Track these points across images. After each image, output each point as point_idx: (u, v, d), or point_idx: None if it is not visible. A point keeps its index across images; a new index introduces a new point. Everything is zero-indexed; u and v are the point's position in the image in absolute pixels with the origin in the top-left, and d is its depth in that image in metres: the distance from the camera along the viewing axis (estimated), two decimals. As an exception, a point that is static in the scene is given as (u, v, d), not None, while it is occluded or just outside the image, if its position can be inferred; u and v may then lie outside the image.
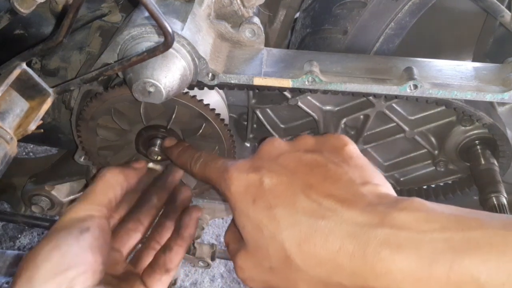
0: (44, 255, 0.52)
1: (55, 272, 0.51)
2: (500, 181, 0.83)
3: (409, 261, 0.41)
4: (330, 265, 0.46)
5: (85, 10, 0.80)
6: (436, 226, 0.42)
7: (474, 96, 0.67)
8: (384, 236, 0.43)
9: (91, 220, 0.57)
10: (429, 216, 0.43)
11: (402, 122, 0.86)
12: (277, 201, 0.51)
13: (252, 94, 0.87)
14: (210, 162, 0.62)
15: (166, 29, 0.52)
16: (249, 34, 0.71)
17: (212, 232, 2.01)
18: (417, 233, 0.42)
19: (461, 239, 0.40)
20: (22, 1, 0.54)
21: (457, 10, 1.04)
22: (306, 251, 0.47)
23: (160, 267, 0.65)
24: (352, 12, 0.87)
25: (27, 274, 0.51)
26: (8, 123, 0.56)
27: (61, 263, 0.52)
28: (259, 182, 0.53)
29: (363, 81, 0.67)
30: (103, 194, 0.61)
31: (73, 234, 0.54)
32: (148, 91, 0.62)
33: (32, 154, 2.05)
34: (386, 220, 0.44)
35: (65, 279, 0.51)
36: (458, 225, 0.42)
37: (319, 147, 0.57)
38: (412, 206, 0.45)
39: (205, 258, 1.21)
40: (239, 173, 0.55)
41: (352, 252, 0.44)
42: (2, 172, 0.55)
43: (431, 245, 0.41)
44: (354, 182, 0.51)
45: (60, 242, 0.53)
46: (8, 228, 1.87)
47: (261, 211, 0.51)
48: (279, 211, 0.50)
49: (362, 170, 0.53)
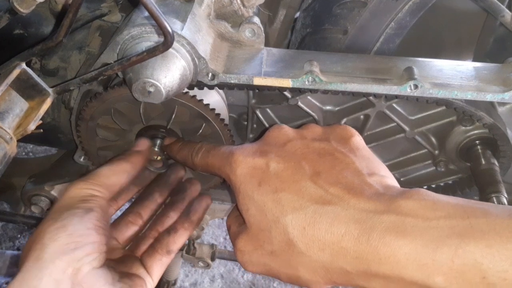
0: (51, 235, 0.52)
1: (62, 252, 0.51)
2: (501, 181, 0.83)
3: (413, 245, 0.42)
4: (334, 249, 0.46)
5: (85, 9, 0.80)
6: (441, 214, 0.43)
7: (474, 96, 0.67)
8: (390, 222, 0.44)
9: (94, 200, 0.58)
10: (435, 205, 0.44)
11: (403, 122, 0.85)
12: (284, 185, 0.51)
13: (252, 94, 0.87)
14: (212, 150, 0.62)
15: (166, 29, 0.52)
16: (249, 34, 0.71)
17: (212, 232, 2.01)
18: (422, 220, 0.43)
19: (466, 226, 0.41)
20: (21, 1, 0.54)
21: (457, 10, 1.03)
22: (310, 235, 0.48)
23: (163, 247, 0.65)
24: (352, 12, 0.87)
25: (35, 254, 0.51)
26: (8, 123, 0.56)
27: (68, 243, 0.52)
28: (266, 166, 0.53)
29: (363, 81, 0.67)
30: (106, 177, 0.62)
31: (78, 215, 0.55)
32: (148, 91, 0.62)
33: (32, 154, 2.05)
34: (392, 207, 0.45)
35: (72, 259, 0.51)
36: (463, 213, 0.42)
37: (326, 137, 0.57)
38: (418, 195, 0.46)
39: (205, 258, 1.21)
40: (245, 156, 0.55)
41: (357, 236, 0.45)
42: (2, 172, 0.55)
43: (436, 231, 0.42)
44: (361, 172, 0.51)
45: (66, 222, 0.54)
46: (8, 228, 1.87)
47: (266, 194, 0.51)
48: (285, 195, 0.50)
49: (368, 161, 0.54)
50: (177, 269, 1.42)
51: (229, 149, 0.58)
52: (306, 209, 0.49)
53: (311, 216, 0.48)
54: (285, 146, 0.55)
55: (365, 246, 0.44)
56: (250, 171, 0.54)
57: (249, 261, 0.55)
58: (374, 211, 0.45)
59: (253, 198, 0.52)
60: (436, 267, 0.41)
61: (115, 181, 0.63)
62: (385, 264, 0.43)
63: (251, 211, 0.53)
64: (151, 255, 0.64)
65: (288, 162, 0.53)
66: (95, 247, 0.54)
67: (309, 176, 0.51)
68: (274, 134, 0.57)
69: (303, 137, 0.57)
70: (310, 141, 0.56)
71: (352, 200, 0.47)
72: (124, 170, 0.65)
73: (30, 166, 1.08)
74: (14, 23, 0.82)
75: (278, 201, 0.50)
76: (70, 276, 0.50)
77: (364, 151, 0.56)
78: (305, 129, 0.59)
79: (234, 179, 0.55)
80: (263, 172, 0.53)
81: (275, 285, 1.88)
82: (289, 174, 0.52)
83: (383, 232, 0.43)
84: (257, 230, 0.53)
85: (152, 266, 0.63)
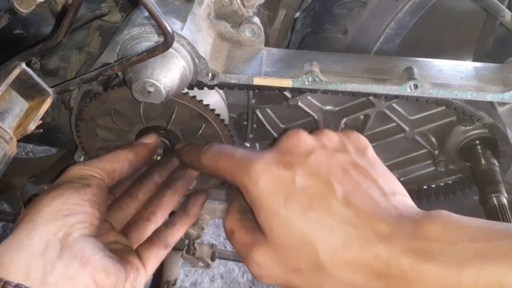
0: (46, 201, 0.55)
1: (55, 217, 0.53)
2: (501, 181, 0.83)
3: (439, 269, 0.43)
4: (366, 272, 0.47)
5: (85, 9, 0.80)
6: (465, 237, 0.44)
7: (474, 96, 0.67)
8: (417, 247, 0.45)
9: (93, 179, 0.60)
10: (459, 228, 0.45)
11: (403, 122, 0.85)
12: (313, 204, 0.50)
13: (252, 94, 0.87)
14: (223, 152, 0.59)
15: (166, 29, 0.52)
16: (249, 34, 0.71)
17: (212, 232, 2.01)
18: (448, 244, 0.44)
19: (489, 249, 0.42)
20: (21, 1, 0.54)
21: (457, 10, 1.03)
22: (342, 257, 0.48)
23: (160, 241, 0.65)
24: (352, 12, 0.87)
25: (29, 217, 0.53)
26: (8, 123, 0.56)
27: (61, 209, 0.54)
28: (291, 181, 0.51)
29: (363, 81, 0.67)
30: (109, 162, 0.63)
31: (75, 187, 0.57)
32: (148, 91, 0.62)
33: (32, 154, 2.05)
34: (419, 232, 0.46)
35: (64, 224, 0.53)
36: (486, 236, 0.44)
37: (345, 146, 0.57)
38: (442, 218, 0.47)
39: (205, 258, 1.21)
40: (268, 166, 0.52)
41: (387, 261, 0.46)
42: (2, 172, 0.55)
43: (460, 254, 0.43)
44: (385, 192, 0.52)
45: (62, 192, 0.56)
46: (8, 228, 1.86)
47: (295, 212, 0.50)
48: (315, 215, 0.49)
49: (388, 177, 0.55)
50: (177, 269, 1.42)
51: (246, 155, 0.55)
52: (338, 232, 0.48)
53: (343, 239, 0.48)
54: (309, 157, 0.53)
55: (395, 270, 0.45)
56: (274, 185, 0.51)
57: (267, 275, 0.54)
58: (401, 234, 0.47)
59: (278, 214, 0.50)
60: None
61: (116, 168, 0.63)
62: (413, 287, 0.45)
63: (276, 229, 0.51)
64: (148, 248, 0.64)
65: (316, 178, 0.51)
66: (87, 217, 0.55)
67: (338, 195, 0.50)
68: (293, 141, 0.55)
69: (324, 147, 0.55)
70: (332, 152, 0.54)
71: (380, 221, 0.48)
72: (126, 158, 0.65)
73: (30, 166, 1.08)
74: (14, 23, 0.82)
75: (309, 221, 0.49)
76: (60, 239, 0.52)
77: (381, 166, 0.57)
78: (323, 136, 0.57)
79: (254, 191, 0.52)
80: (288, 187, 0.51)
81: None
82: (317, 192, 0.50)
83: (412, 257, 0.45)
84: (281, 247, 0.51)
85: (148, 259, 0.63)
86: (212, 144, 0.62)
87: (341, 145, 0.56)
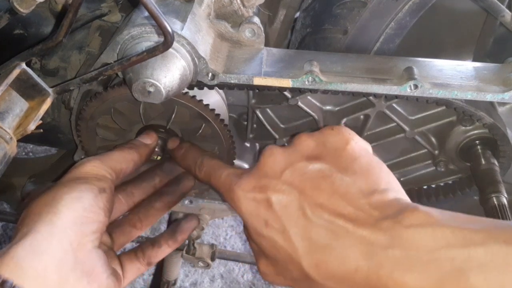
0: (67, 203, 0.53)
1: (75, 223, 0.52)
2: (501, 181, 0.83)
3: (419, 281, 0.44)
4: (349, 284, 0.48)
5: (85, 9, 0.80)
6: (442, 243, 0.44)
7: (474, 96, 0.67)
8: (395, 258, 0.45)
9: (107, 181, 0.59)
10: (434, 232, 0.45)
11: (403, 122, 0.85)
12: (290, 223, 0.52)
13: (252, 94, 0.87)
14: (213, 173, 0.62)
15: (166, 29, 0.52)
16: (249, 34, 0.71)
17: (212, 232, 2.01)
18: (425, 253, 0.44)
19: (465, 257, 0.43)
20: (21, 1, 0.54)
21: (457, 10, 1.03)
22: (324, 271, 0.49)
23: (144, 258, 0.66)
24: (352, 12, 0.87)
25: (48, 217, 0.52)
26: (8, 123, 0.56)
27: (82, 216, 0.53)
28: (268, 203, 0.53)
29: (363, 81, 0.67)
30: (118, 162, 0.63)
31: (94, 192, 0.56)
32: (147, 91, 0.62)
33: (32, 154, 2.05)
34: (395, 241, 0.46)
35: (81, 233, 0.52)
36: (462, 241, 0.44)
37: (320, 151, 0.55)
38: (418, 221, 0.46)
39: (205, 258, 1.21)
40: (245, 193, 0.55)
41: (367, 274, 0.47)
42: (2, 172, 0.55)
43: (438, 264, 0.44)
44: (362, 193, 0.51)
45: (83, 195, 0.55)
46: (8, 228, 1.86)
47: (276, 233, 0.52)
48: (293, 234, 0.51)
49: (368, 174, 0.53)
50: (177, 269, 1.42)
51: (229, 180, 0.58)
52: (316, 248, 0.50)
53: (321, 254, 0.49)
54: (282, 175, 0.54)
55: (376, 282, 0.46)
56: (254, 209, 0.54)
57: (274, 282, 0.57)
58: (379, 244, 0.47)
59: (263, 235, 0.53)
60: None
61: (124, 168, 0.64)
62: None
63: (264, 245, 0.54)
64: (131, 261, 0.65)
65: (289, 196, 0.52)
66: (100, 227, 0.55)
67: (311, 209, 0.51)
68: (268, 161, 0.56)
69: (297, 160, 0.55)
70: (305, 164, 0.54)
71: (357, 232, 0.48)
72: (132, 159, 0.66)
73: (30, 166, 1.08)
74: (14, 23, 0.82)
75: (289, 240, 0.51)
76: (74, 249, 0.51)
77: (362, 160, 0.54)
78: (297, 145, 0.56)
79: (240, 214, 0.56)
80: (267, 210, 0.53)
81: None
82: (293, 210, 0.52)
83: (390, 269, 0.45)
84: (275, 261, 0.54)
85: (128, 271, 0.64)
86: (204, 160, 0.65)
87: (317, 150, 0.56)
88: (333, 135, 0.56)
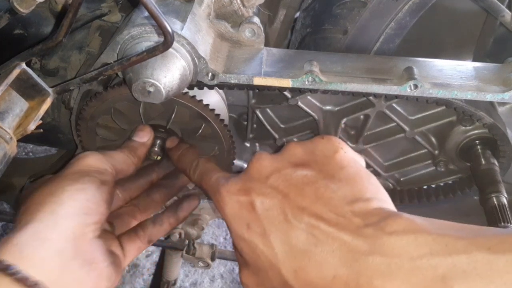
0: (70, 194, 0.54)
1: (77, 213, 0.53)
2: (501, 181, 0.83)
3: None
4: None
5: (85, 9, 0.80)
6: (424, 251, 0.43)
7: (474, 96, 0.67)
8: (376, 265, 0.44)
9: (108, 175, 0.60)
10: (417, 239, 0.44)
11: (403, 122, 0.85)
12: (271, 227, 0.51)
13: (252, 94, 0.87)
14: (205, 175, 0.63)
15: (166, 29, 0.52)
16: (249, 34, 0.71)
17: (212, 232, 2.01)
18: (406, 260, 0.43)
19: (448, 265, 0.42)
20: (21, 1, 0.54)
21: (457, 10, 1.03)
22: (303, 279, 0.48)
23: (145, 236, 0.67)
24: (352, 12, 0.87)
25: (51, 207, 0.53)
26: (8, 123, 0.56)
27: (84, 207, 0.54)
28: (251, 206, 0.53)
29: (363, 81, 0.67)
30: (119, 163, 0.65)
31: (96, 184, 0.57)
32: (147, 91, 0.62)
33: (32, 154, 2.05)
34: (377, 247, 0.45)
35: (83, 223, 0.53)
36: (445, 248, 0.43)
37: (308, 158, 0.55)
38: (400, 227, 0.45)
39: (205, 258, 1.21)
40: (230, 195, 0.55)
41: (346, 281, 0.45)
42: (2, 172, 0.55)
43: (420, 273, 0.42)
44: (345, 200, 0.50)
45: (86, 186, 0.56)
46: (8, 228, 1.86)
47: (256, 237, 0.52)
48: (273, 238, 0.51)
49: (353, 183, 0.52)
50: (177, 269, 1.42)
51: (217, 182, 0.58)
52: (295, 253, 0.49)
53: (300, 259, 0.48)
54: (268, 180, 0.54)
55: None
56: (237, 212, 0.54)
57: None
58: (360, 251, 0.45)
59: (244, 239, 0.53)
60: None
61: (124, 170, 0.65)
62: None
63: (245, 250, 0.54)
64: (132, 239, 0.65)
65: (273, 200, 0.52)
66: (101, 218, 0.56)
67: (293, 213, 0.51)
68: (255, 166, 0.56)
69: (284, 166, 0.55)
70: (291, 170, 0.54)
71: (338, 238, 0.47)
72: (133, 163, 0.67)
73: (30, 166, 1.08)
74: (14, 23, 0.82)
75: (269, 245, 0.51)
76: (76, 238, 0.52)
77: (350, 169, 0.54)
78: (286, 153, 0.57)
79: (224, 217, 0.56)
80: (249, 213, 0.53)
81: None
82: (275, 213, 0.52)
83: (371, 277, 0.44)
84: (256, 269, 0.53)
85: (129, 250, 0.64)
86: (199, 163, 0.66)
87: (304, 158, 0.55)
88: (323, 144, 0.56)
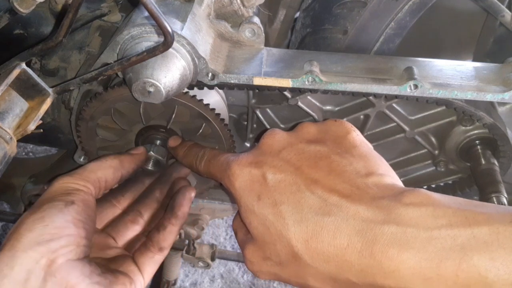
0: (27, 226, 0.52)
1: (37, 242, 0.51)
2: (501, 181, 0.82)
3: (417, 259, 0.41)
4: (338, 262, 0.46)
5: (85, 9, 0.80)
6: (443, 222, 0.42)
7: (474, 96, 0.67)
8: (391, 234, 0.43)
9: (77, 194, 0.58)
10: (435, 211, 0.43)
11: (403, 122, 0.85)
12: (283, 197, 0.51)
13: (252, 94, 0.87)
14: (212, 159, 0.62)
15: (166, 29, 0.52)
16: (249, 34, 0.71)
17: (212, 232, 2.01)
18: (424, 230, 0.42)
19: (468, 236, 0.40)
20: (21, 1, 0.54)
21: (457, 10, 1.04)
22: (314, 248, 0.47)
23: (154, 245, 0.65)
24: (352, 12, 0.87)
25: (9, 243, 0.51)
26: (8, 123, 0.56)
27: (43, 234, 0.51)
28: (263, 178, 0.53)
29: (363, 81, 0.67)
30: (92, 172, 0.62)
31: (58, 207, 0.55)
32: (148, 91, 0.62)
33: (32, 154, 2.05)
34: (392, 216, 0.44)
35: (47, 250, 0.51)
36: (465, 220, 0.41)
37: (322, 137, 0.56)
38: (418, 199, 0.44)
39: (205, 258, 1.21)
40: (241, 168, 0.55)
41: (360, 250, 0.44)
42: (2, 172, 0.55)
43: (438, 242, 0.41)
44: (359, 174, 0.50)
45: (44, 214, 0.53)
46: (8, 228, 1.86)
47: (267, 208, 0.51)
48: (285, 208, 0.50)
49: (366, 159, 0.53)
50: (177, 269, 1.43)
51: (227, 160, 0.58)
52: (307, 222, 0.48)
53: (312, 228, 0.48)
54: (280, 154, 0.54)
55: (368, 259, 0.43)
56: (248, 184, 0.54)
57: (259, 271, 0.55)
58: (374, 220, 0.45)
59: (254, 212, 0.52)
60: (441, 281, 0.41)
61: (101, 176, 0.62)
62: (390, 278, 0.43)
63: (253, 224, 0.53)
64: (143, 253, 0.64)
65: (285, 172, 0.52)
66: (72, 240, 0.53)
67: (306, 185, 0.50)
68: (268, 141, 0.56)
69: (297, 142, 0.55)
70: (305, 145, 0.54)
71: (351, 208, 0.47)
72: (110, 165, 0.64)
73: (30, 166, 1.08)
74: (14, 23, 0.82)
75: (279, 215, 0.50)
76: (43, 266, 0.50)
77: (362, 148, 0.54)
78: (300, 130, 0.57)
79: (234, 192, 0.55)
80: (261, 185, 0.53)
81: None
82: (287, 185, 0.51)
83: (386, 245, 0.43)
84: (262, 243, 0.53)
85: (144, 264, 0.63)
86: (206, 151, 0.65)
87: (317, 136, 0.56)
88: (336, 125, 0.57)
